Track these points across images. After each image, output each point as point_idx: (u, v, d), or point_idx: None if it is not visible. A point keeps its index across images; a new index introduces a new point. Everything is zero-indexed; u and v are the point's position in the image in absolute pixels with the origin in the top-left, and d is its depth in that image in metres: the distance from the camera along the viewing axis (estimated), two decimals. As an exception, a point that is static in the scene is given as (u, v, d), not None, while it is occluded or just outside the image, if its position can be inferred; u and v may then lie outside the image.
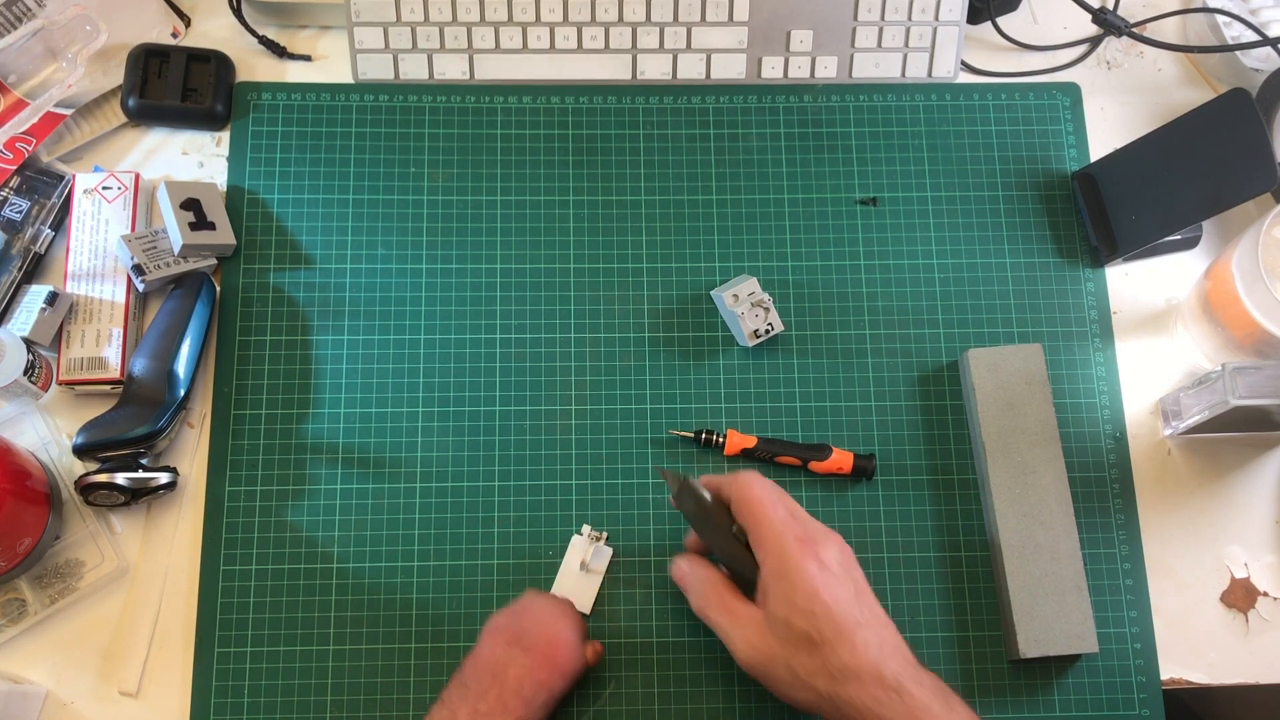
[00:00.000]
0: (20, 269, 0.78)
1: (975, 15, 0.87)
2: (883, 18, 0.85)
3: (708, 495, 0.67)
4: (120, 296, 0.78)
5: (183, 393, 0.75)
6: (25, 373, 0.73)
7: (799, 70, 0.86)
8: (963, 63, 0.88)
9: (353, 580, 0.75)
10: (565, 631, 0.68)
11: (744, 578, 0.65)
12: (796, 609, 0.61)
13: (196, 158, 0.84)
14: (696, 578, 0.67)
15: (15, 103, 0.80)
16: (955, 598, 0.76)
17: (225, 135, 0.85)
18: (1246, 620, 0.76)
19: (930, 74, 0.87)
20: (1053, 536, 0.74)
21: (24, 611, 0.73)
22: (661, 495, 0.77)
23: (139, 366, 0.75)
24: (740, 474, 0.67)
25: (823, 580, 0.61)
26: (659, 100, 0.86)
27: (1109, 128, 0.87)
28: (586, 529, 0.76)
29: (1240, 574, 0.77)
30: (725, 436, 0.77)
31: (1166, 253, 0.84)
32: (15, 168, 0.80)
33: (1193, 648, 0.76)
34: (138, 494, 0.73)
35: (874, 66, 0.86)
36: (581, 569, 0.74)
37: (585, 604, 0.74)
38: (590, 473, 0.77)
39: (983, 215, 0.84)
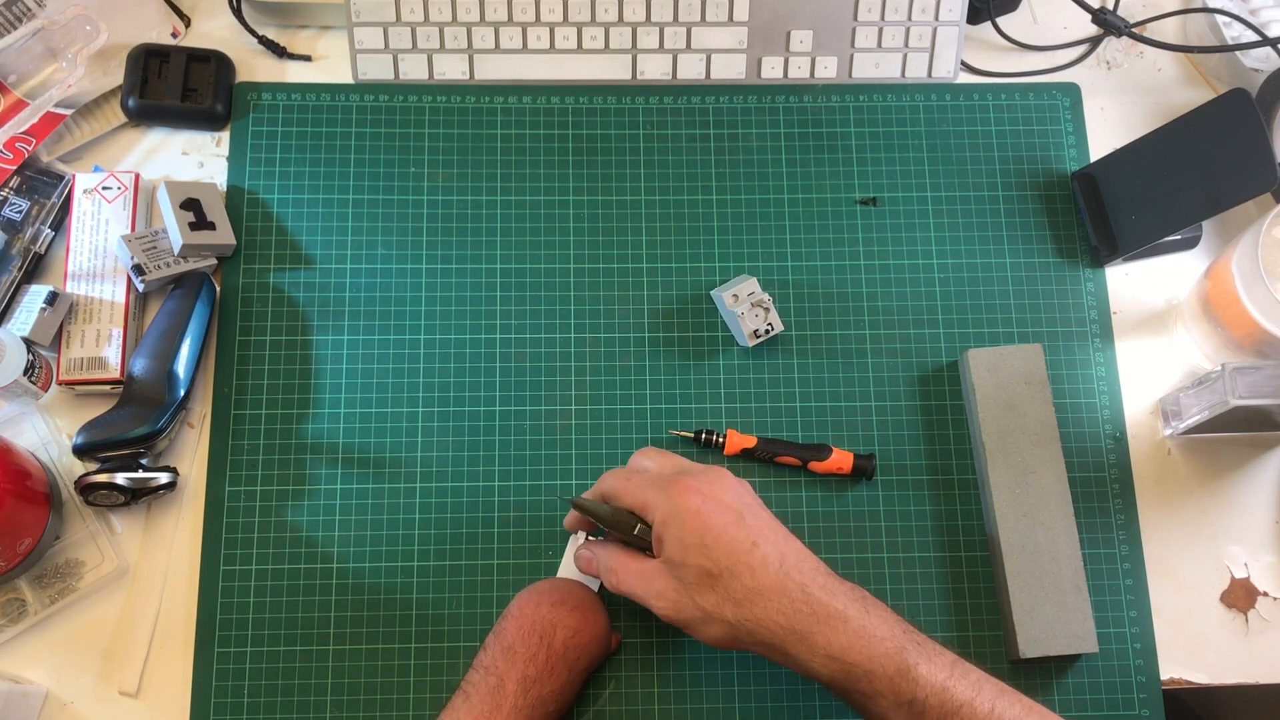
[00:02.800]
0: (20, 269, 0.78)
1: (975, 15, 0.87)
2: (883, 18, 0.85)
3: (595, 506, 0.67)
4: (120, 296, 0.78)
5: (183, 393, 0.75)
6: (25, 373, 0.73)
7: (799, 70, 0.86)
8: (963, 63, 0.88)
9: (353, 580, 0.75)
10: (599, 605, 0.70)
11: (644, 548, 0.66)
12: (688, 546, 0.61)
13: (196, 158, 0.84)
14: (600, 557, 0.67)
15: (15, 103, 0.80)
16: (955, 598, 0.76)
17: (225, 135, 0.85)
18: (1246, 620, 0.76)
19: (930, 74, 0.87)
20: (1053, 536, 0.74)
21: (24, 611, 0.73)
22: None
23: (139, 366, 0.75)
24: (602, 476, 0.68)
25: (708, 510, 0.61)
26: (659, 100, 0.86)
27: (1109, 128, 0.87)
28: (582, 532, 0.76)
29: (1240, 574, 0.77)
30: (725, 436, 0.77)
31: (1166, 253, 0.84)
32: (15, 168, 0.80)
33: (1193, 648, 0.76)
34: (138, 494, 0.73)
35: (874, 66, 0.86)
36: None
37: None
38: (590, 473, 0.77)
39: (983, 215, 0.84)
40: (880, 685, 0.59)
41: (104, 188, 0.80)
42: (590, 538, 0.72)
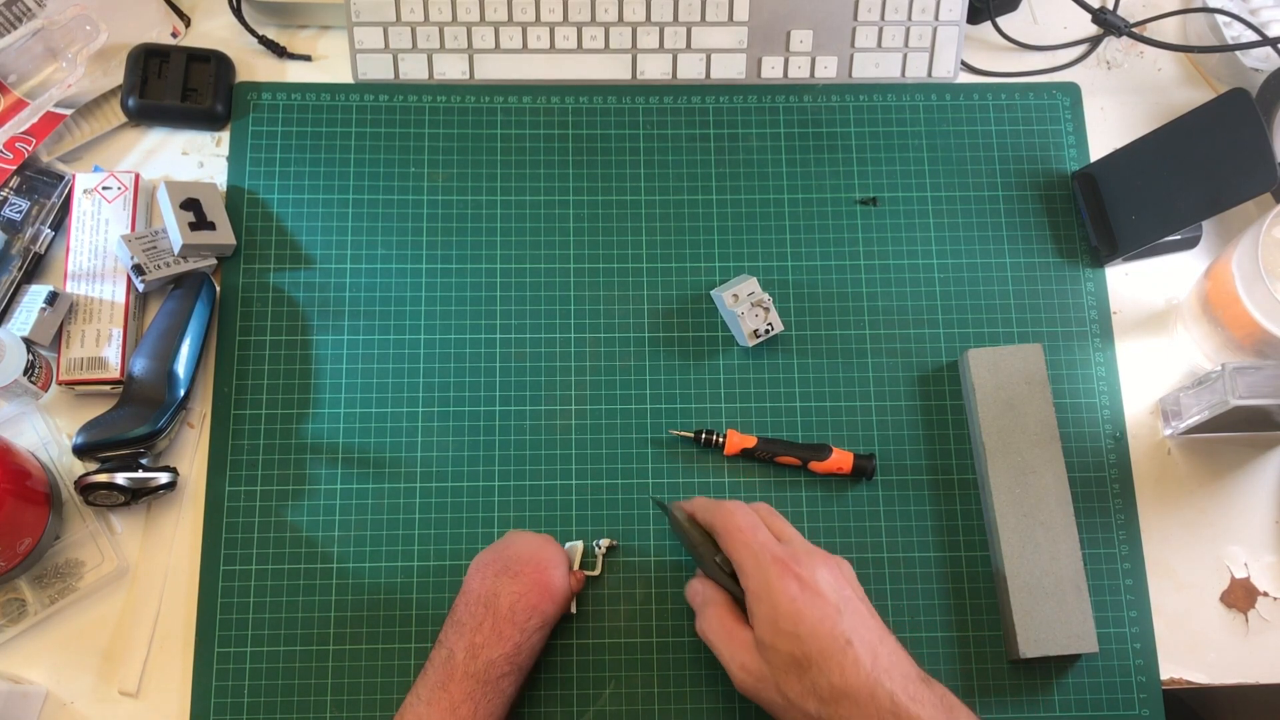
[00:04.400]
0: (20, 269, 0.78)
1: (975, 15, 0.87)
2: (883, 18, 0.85)
3: (687, 524, 0.67)
4: (120, 296, 0.78)
5: (183, 393, 0.75)
6: (25, 373, 0.73)
7: (799, 70, 0.86)
8: (963, 63, 0.88)
9: (353, 580, 0.75)
10: (550, 556, 0.70)
11: (743, 602, 0.65)
12: (780, 631, 0.60)
13: (196, 158, 0.84)
14: (703, 599, 0.67)
15: (15, 103, 0.80)
16: (955, 598, 0.76)
17: (225, 135, 0.85)
18: (1246, 620, 0.76)
19: (930, 74, 0.87)
20: (1053, 536, 0.74)
21: (24, 611, 0.73)
22: (662, 496, 0.77)
23: (139, 366, 0.75)
24: (725, 504, 0.66)
25: (805, 600, 0.60)
26: (659, 100, 0.86)
27: (1109, 128, 0.87)
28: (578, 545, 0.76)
29: (1240, 574, 0.77)
30: (725, 436, 0.77)
31: (1166, 253, 0.84)
32: (15, 168, 0.80)
33: (1193, 648, 0.76)
34: (138, 494, 0.73)
35: (874, 66, 0.86)
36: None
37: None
38: (590, 473, 0.77)
39: (983, 215, 0.84)
40: None
41: (104, 188, 0.80)
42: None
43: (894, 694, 0.59)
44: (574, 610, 0.73)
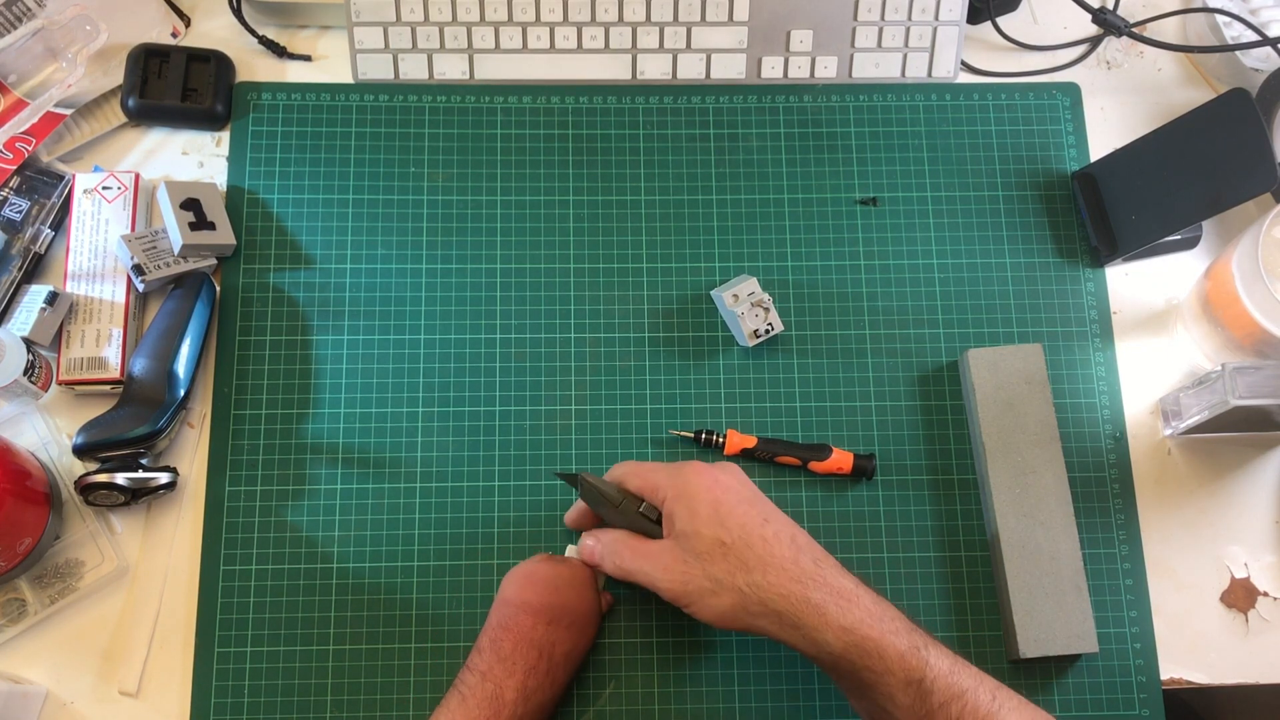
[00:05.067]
0: (20, 269, 0.78)
1: (975, 15, 0.87)
2: (883, 18, 0.85)
3: (603, 485, 0.68)
4: (120, 296, 0.78)
5: (183, 393, 0.75)
6: (25, 373, 0.73)
7: (799, 70, 0.86)
8: (963, 63, 0.88)
9: (353, 580, 0.75)
10: (594, 602, 0.71)
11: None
12: (700, 518, 0.62)
13: (196, 158, 0.84)
14: (604, 542, 0.67)
15: (15, 103, 0.80)
16: (955, 598, 0.76)
17: (225, 135, 0.85)
18: (1246, 620, 0.76)
19: (930, 74, 0.87)
20: (1053, 536, 0.74)
21: (24, 611, 0.73)
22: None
23: (139, 366, 0.75)
24: (614, 466, 0.69)
25: (720, 488, 0.63)
26: (659, 100, 0.86)
27: (1109, 128, 0.87)
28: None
29: (1240, 574, 0.77)
30: (725, 436, 0.77)
31: (1166, 253, 0.84)
32: (15, 168, 0.80)
33: (1193, 648, 0.76)
34: (138, 494, 0.73)
35: (874, 66, 0.86)
36: None
37: None
38: (590, 473, 0.77)
39: (983, 215, 0.84)
40: (891, 662, 0.59)
41: (104, 188, 0.80)
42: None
43: (817, 559, 0.62)
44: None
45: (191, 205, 0.79)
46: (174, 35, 0.87)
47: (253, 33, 0.86)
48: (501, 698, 0.64)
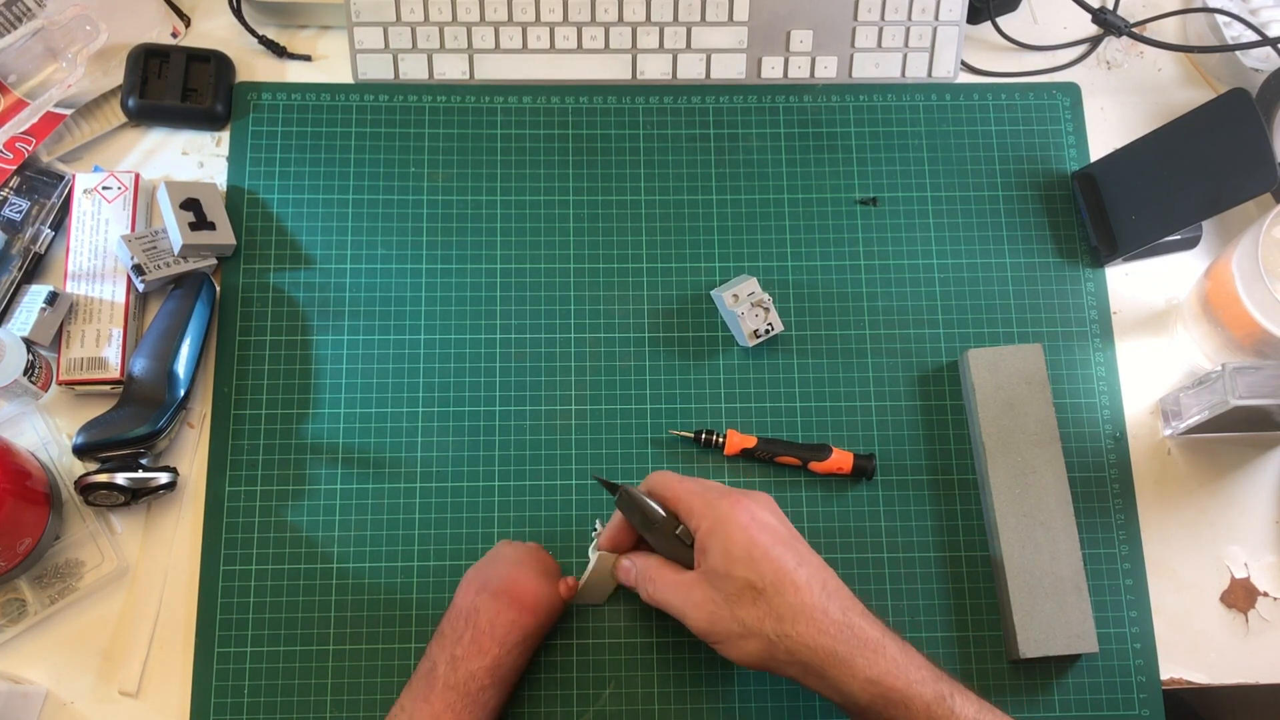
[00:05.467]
0: (20, 269, 0.78)
1: (975, 15, 0.87)
2: (883, 18, 0.85)
3: (651, 502, 0.67)
4: (120, 296, 0.78)
5: (183, 393, 0.75)
6: (25, 373, 0.73)
7: (799, 70, 0.86)
8: (963, 63, 0.88)
9: (353, 580, 0.75)
10: (529, 573, 0.70)
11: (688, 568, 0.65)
12: (734, 559, 0.61)
13: (196, 158, 0.84)
14: (639, 567, 0.67)
15: (15, 103, 0.80)
16: (955, 598, 0.76)
17: (225, 135, 0.85)
18: (1246, 620, 0.76)
19: (930, 74, 0.87)
20: (1053, 536, 0.74)
21: (24, 611, 0.73)
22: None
23: (139, 366, 0.75)
24: (652, 474, 0.68)
25: (756, 527, 0.62)
26: (659, 100, 0.86)
27: (1109, 128, 0.87)
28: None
29: (1240, 574, 0.77)
30: (725, 436, 0.77)
31: (1166, 253, 0.84)
32: (15, 168, 0.80)
33: (1193, 648, 0.76)
34: (138, 494, 0.73)
35: (874, 66, 0.86)
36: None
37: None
38: (590, 473, 0.77)
39: (983, 215, 0.84)
40: (917, 713, 0.59)
41: (104, 188, 0.80)
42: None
43: (846, 610, 0.61)
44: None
45: (191, 205, 0.79)
46: (174, 35, 0.87)
47: (253, 33, 0.86)
48: (435, 670, 0.67)
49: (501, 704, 0.68)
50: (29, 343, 0.74)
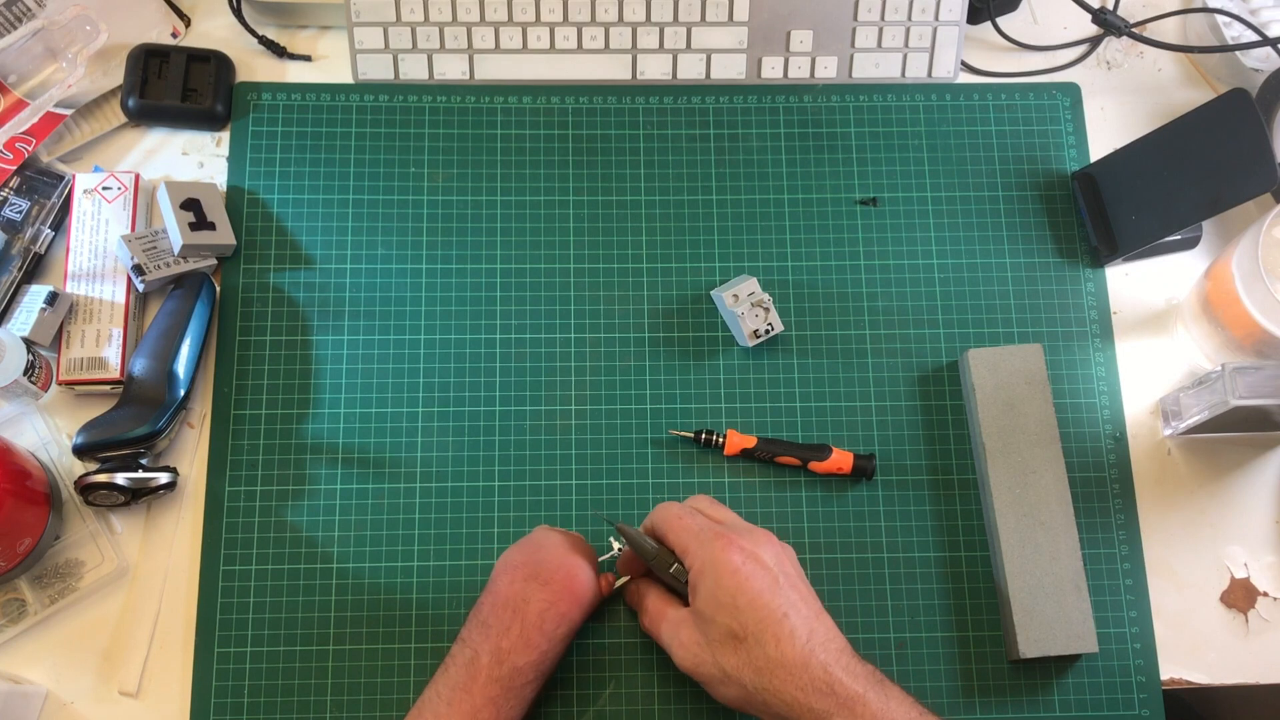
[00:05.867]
0: (20, 269, 0.78)
1: (975, 15, 0.87)
2: (883, 18, 0.85)
3: (639, 539, 0.68)
4: (120, 296, 0.78)
5: (183, 393, 0.75)
6: (25, 373, 0.73)
7: (799, 70, 0.86)
8: (963, 63, 0.88)
9: (353, 580, 0.75)
10: (581, 563, 0.68)
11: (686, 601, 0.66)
12: (720, 604, 0.61)
13: (196, 158, 0.84)
14: (640, 595, 0.69)
15: (15, 103, 0.80)
16: (955, 598, 0.76)
17: (225, 135, 0.85)
18: (1246, 620, 0.76)
19: (930, 74, 0.87)
20: (1053, 536, 0.74)
21: (24, 611, 0.73)
22: (663, 496, 0.77)
23: (139, 366, 0.75)
24: (659, 506, 0.68)
25: (746, 572, 0.61)
26: (659, 100, 0.86)
27: (1109, 128, 0.87)
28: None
29: (1240, 574, 0.77)
30: (725, 436, 0.77)
31: (1166, 253, 0.84)
32: (15, 168, 0.80)
33: (1193, 648, 0.76)
34: (138, 494, 0.73)
35: (874, 66, 0.86)
36: None
37: None
38: (590, 473, 0.77)
39: (983, 215, 0.84)
40: None
41: (104, 188, 0.80)
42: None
43: (827, 665, 0.60)
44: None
45: (191, 205, 0.79)
46: (174, 35, 0.87)
47: (253, 33, 0.86)
48: (478, 661, 0.64)
49: (539, 693, 0.67)
50: (29, 343, 0.74)
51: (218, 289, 0.80)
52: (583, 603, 0.68)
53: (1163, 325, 0.83)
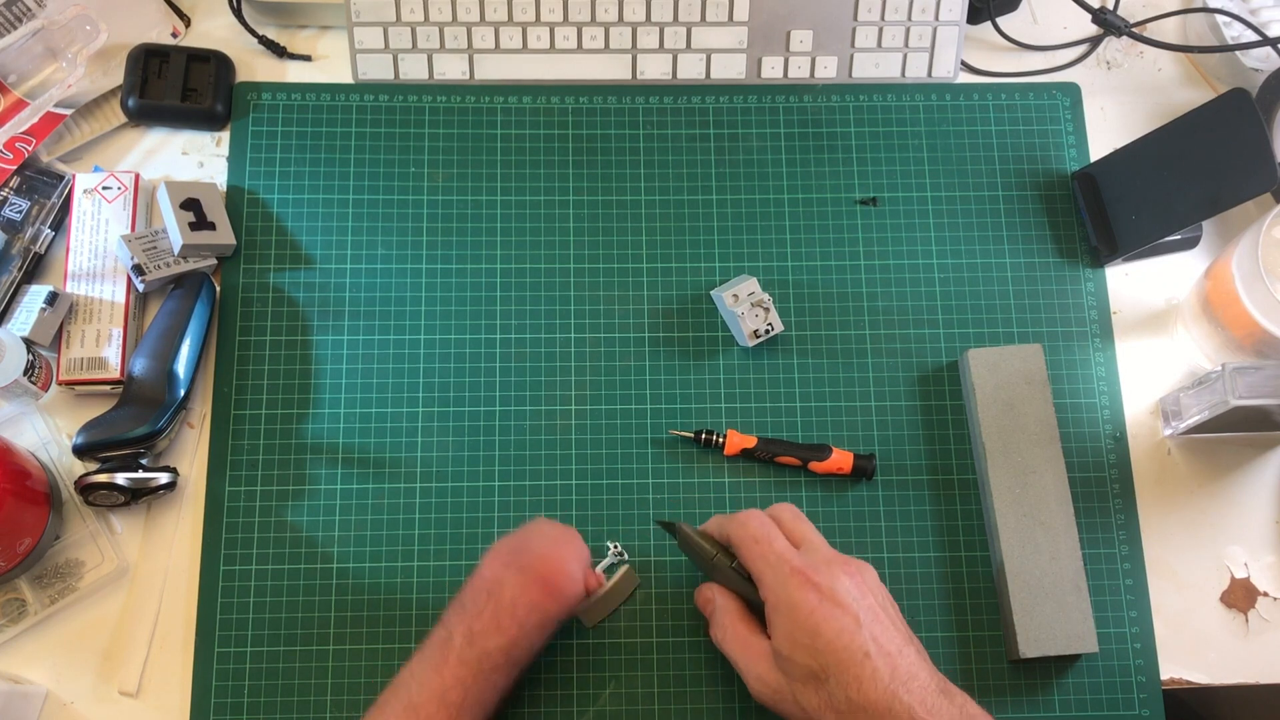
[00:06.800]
0: (20, 269, 0.78)
1: (975, 15, 0.87)
2: (883, 18, 0.85)
3: (698, 537, 0.67)
4: (120, 296, 0.78)
5: (183, 393, 0.75)
6: (25, 373, 0.73)
7: (799, 70, 0.86)
8: (963, 63, 0.88)
9: (353, 580, 0.75)
10: (564, 556, 0.68)
11: (760, 608, 0.65)
12: (798, 644, 0.60)
13: (196, 158, 0.84)
14: (717, 607, 0.67)
15: (15, 103, 0.80)
16: (955, 598, 0.76)
17: (225, 135, 0.85)
18: (1246, 620, 0.76)
19: (930, 74, 0.87)
20: (1053, 536, 0.74)
21: (24, 611, 0.73)
22: (662, 496, 0.77)
23: (139, 366, 0.75)
24: (739, 515, 0.66)
25: (823, 613, 0.60)
26: (659, 100, 0.86)
27: (1109, 128, 0.87)
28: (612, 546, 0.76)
29: (1240, 574, 0.77)
30: (725, 436, 0.77)
31: (1166, 253, 0.84)
32: (15, 168, 0.80)
33: (1193, 648, 0.76)
34: (138, 494, 0.73)
35: (874, 66, 0.86)
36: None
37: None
38: (590, 473, 0.77)
39: (983, 215, 0.84)
40: None
41: (104, 188, 0.80)
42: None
43: (912, 708, 0.58)
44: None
45: (191, 205, 0.79)
46: (174, 35, 0.87)
47: (253, 33, 0.86)
48: (450, 642, 0.64)
49: (510, 684, 0.66)
50: (29, 343, 0.74)
51: (218, 289, 0.80)
52: (559, 595, 0.67)
53: (1163, 325, 0.83)
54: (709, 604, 0.67)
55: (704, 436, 0.77)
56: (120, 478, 0.72)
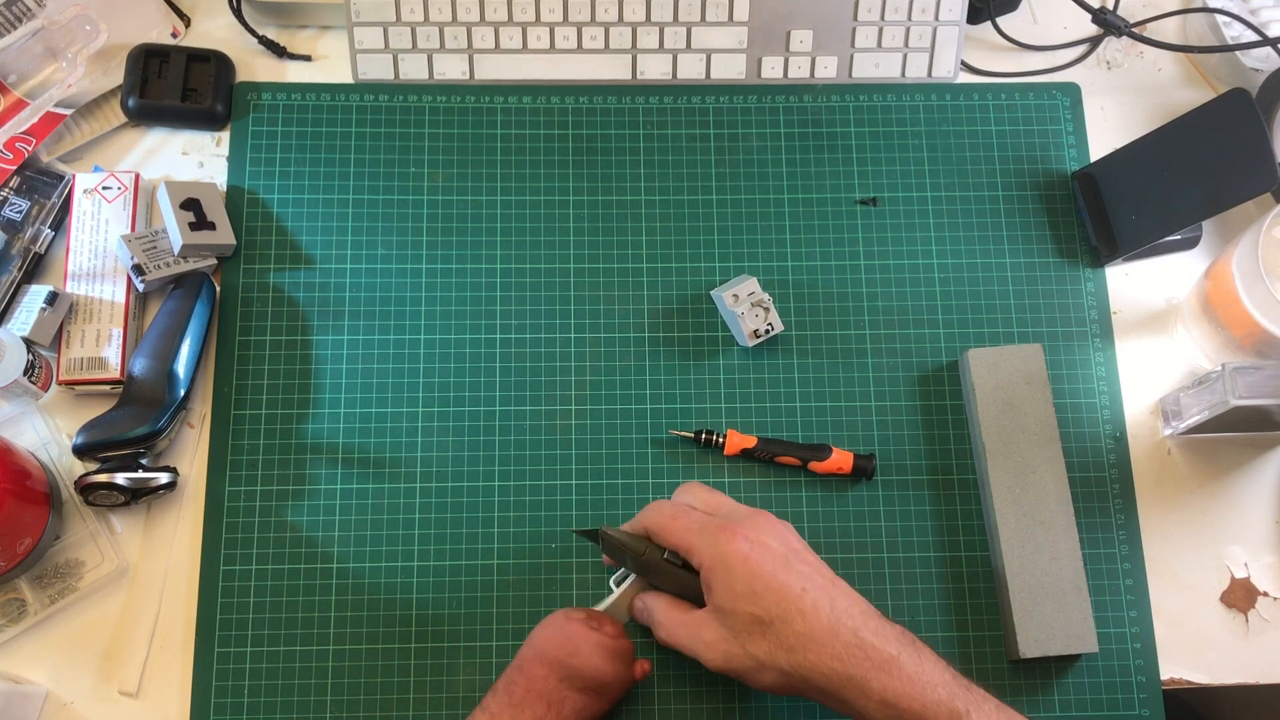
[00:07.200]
0: (20, 269, 0.78)
1: (975, 15, 0.87)
2: (883, 18, 0.85)
3: (623, 537, 0.67)
4: (120, 296, 0.78)
5: (183, 393, 0.75)
6: (25, 373, 0.73)
7: (799, 70, 0.86)
8: (963, 63, 0.88)
9: (353, 580, 0.75)
10: (619, 673, 0.67)
11: (698, 598, 0.65)
12: (738, 594, 0.61)
13: (196, 158, 0.84)
14: (650, 608, 0.67)
15: (15, 103, 0.80)
16: (955, 598, 0.76)
17: (225, 135, 0.85)
18: (1246, 620, 0.76)
19: (930, 74, 0.87)
20: (1053, 536, 0.74)
21: (24, 611, 0.73)
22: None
23: (139, 366, 0.75)
24: (646, 508, 0.67)
25: (756, 557, 0.61)
26: (659, 100, 0.86)
27: (1109, 128, 0.87)
28: None
29: (1240, 574, 0.77)
30: (725, 436, 0.77)
31: (1166, 253, 0.84)
32: (15, 168, 0.80)
33: (1193, 648, 0.76)
34: (138, 494, 0.73)
35: (874, 66, 0.86)
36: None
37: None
38: (590, 473, 0.77)
39: (983, 215, 0.84)
40: None
41: (104, 188, 0.80)
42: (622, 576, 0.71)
43: (856, 630, 0.60)
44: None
45: (191, 205, 0.79)
46: (174, 35, 0.87)
47: (253, 33, 0.86)
48: None
49: None
50: (29, 343, 0.74)
51: (218, 289, 0.80)
52: (612, 700, 0.68)
53: (1163, 325, 0.83)
54: (643, 612, 0.68)
55: (704, 436, 0.77)
56: (120, 478, 0.72)
